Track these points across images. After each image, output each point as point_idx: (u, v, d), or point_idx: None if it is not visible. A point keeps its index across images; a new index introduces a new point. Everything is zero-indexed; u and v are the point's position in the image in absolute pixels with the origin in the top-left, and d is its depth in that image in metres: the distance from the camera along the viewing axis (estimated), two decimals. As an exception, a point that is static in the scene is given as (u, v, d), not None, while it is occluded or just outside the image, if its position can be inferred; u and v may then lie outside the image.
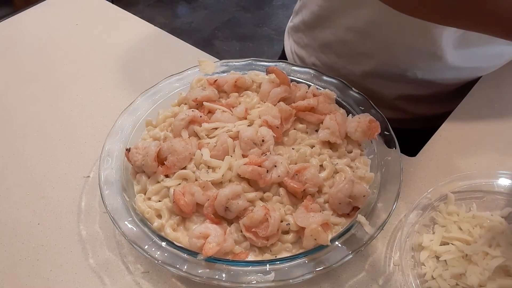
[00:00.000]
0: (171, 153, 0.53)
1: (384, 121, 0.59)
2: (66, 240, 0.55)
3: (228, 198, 0.48)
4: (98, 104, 0.73)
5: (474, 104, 0.71)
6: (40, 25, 0.90)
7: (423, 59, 0.70)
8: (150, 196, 0.53)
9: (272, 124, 0.56)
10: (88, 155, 0.65)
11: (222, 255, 0.48)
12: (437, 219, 0.54)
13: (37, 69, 0.80)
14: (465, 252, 0.49)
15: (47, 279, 0.52)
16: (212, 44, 2.46)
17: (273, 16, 2.66)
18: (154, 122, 0.62)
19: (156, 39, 0.87)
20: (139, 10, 2.64)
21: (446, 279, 0.48)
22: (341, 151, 0.57)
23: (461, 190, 0.56)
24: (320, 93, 0.62)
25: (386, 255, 0.53)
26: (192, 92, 0.62)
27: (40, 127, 0.70)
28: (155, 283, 0.51)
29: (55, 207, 0.59)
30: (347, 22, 0.71)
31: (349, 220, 0.51)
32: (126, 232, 0.48)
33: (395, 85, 0.76)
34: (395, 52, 0.71)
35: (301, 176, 0.51)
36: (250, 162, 0.52)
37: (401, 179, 0.52)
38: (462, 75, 0.75)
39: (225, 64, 0.69)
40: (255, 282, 0.45)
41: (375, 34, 0.69)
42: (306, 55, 0.82)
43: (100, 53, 0.84)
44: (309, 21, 0.77)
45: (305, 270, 0.46)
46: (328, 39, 0.75)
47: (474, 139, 0.66)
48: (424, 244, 0.51)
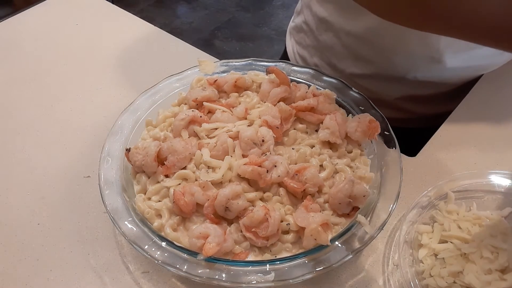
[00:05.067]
0: (171, 153, 0.53)
1: (384, 121, 0.59)
2: (66, 240, 0.55)
3: (228, 198, 0.48)
4: (98, 104, 0.73)
5: (474, 104, 0.71)
6: (40, 25, 0.90)
7: (423, 63, 0.70)
8: (150, 196, 0.53)
9: (272, 124, 0.56)
10: (88, 155, 0.65)
11: (222, 255, 0.48)
12: (436, 217, 0.54)
13: (37, 69, 0.80)
14: (463, 251, 0.49)
15: (47, 279, 0.52)
16: (212, 44, 2.46)
17: (273, 16, 2.66)
18: (154, 122, 0.62)
19: (156, 39, 0.87)
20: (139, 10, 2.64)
21: (443, 276, 0.48)
22: (341, 151, 0.57)
23: (461, 189, 0.57)
24: (320, 93, 0.62)
25: (386, 255, 0.53)
26: (192, 92, 0.62)
27: (40, 127, 0.70)
28: (155, 283, 0.51)
29: (55, 207, 0.59)
30: (347, 27, 0.71)
31: (349, 220, 0.51)
32: (126, 232, 0.48)
33: (395, 86, 0.76)
34: (394, 57, 0.71)
35: (301, 176, 0.51)
36: (250, 162, 0.52)
37: (401, 179, 0.52)
38: (462, 75, 0.75)
39: (225, 64, 0.69)
40: (255, 282, 0.45)
41: (375, 41, 0.69)
42: (308, 55, 0.82)
43: (100, 53, 0.84)
44: (310, 23, 0.78)
45: (305, 270, 0.46)
46: (329, 42, 0.75)
47: (474, 139, 0.66)
48: (423, 242, 0.51)
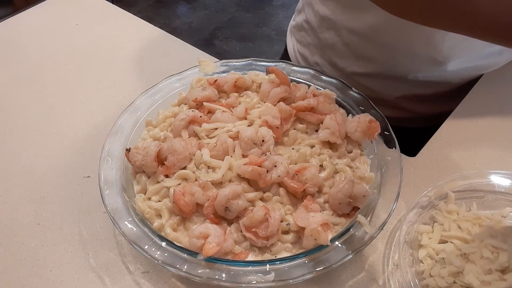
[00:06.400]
0: (171, 153, 0.53)
1: (384, 121, 0.59)
2: (66, 240, 0.55)
3: (228, 198, 0.48)
4: (98, 104, 0.73)
5: (474, 103, 0.71)
6: (40, 25, 0.90)
7: (425, 63, 0.70)
8: (150, 196, 0.53)
9: (272, 124, 0.56)
10: (88, 155, 0.65)
11: (222, 255, 0.48)
12: (436, 217, 0.53)
13: (37, 69, 0.80)
14: (463, 251, 0.49)
15: (47, 279, 0.52)
16: (212, 44, 2.46)
17: (273, 16, 2.66)
18: (154, 122, 0.62)
19: (156, 39, 0.87)
20: (139, 10, 2.64)
21: (443, 277, 0.47)
22: (341, 151, 0.57)
23: (461, 189, 0.56)
24: (320, 93, 0.62)
25: (386, 255, 0.53)
26: (192, 92, 0.62)
27: (40, 127, 0.70)
28: (155, 283, 0.51)
29: (55, 207, 0.59)
30: (349, 25, 0.71)
31: (349, 220, 0.51)
32: (126, 232, 0.48)
33: (396, 85, 0.76)
34: (396, 56, 0.71)
35: (301, 176, 0.51)
36: (250, 162, 0.52)
37: (401, 179, 0.52)
38: (463, 75, 0.75)
39: (225, 64, 0.69)
40: (255, 282, 0.45)
41: (377, 39, 0.69)
42: (309, 54, 0.82)
43: (100, 53, 0.84)
44: (312, 21, 0.77)
45: (305, 270, 0.46)
46: (331, 40, 0.75)
47: (475, 139, 0.66)
48: (423, 242, 0.51)
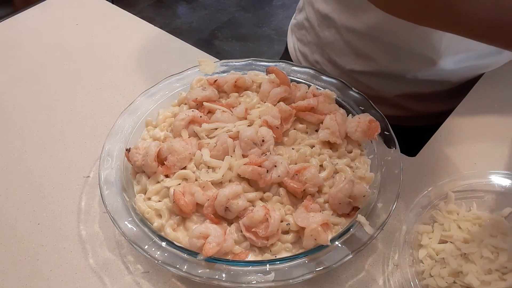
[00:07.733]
0: (171, 153, 0.53)
1: (384, 121, 0.59)
2: (66, 240, 0.55)
3: (228, 198, 0.48)
4: (98, 104, 0.73)
5: (475, 103, 0.71)
6: (40, 25, 0.90)
7: (422, 63, 0.70)
8: (150, 196, 0.53)
9: (272, 124, 0.56)
10: (88, 155, 0.65)
11: (222, 255, 0.48)
12: (436, 217, 0.53)
13: (37, 69, 0.80)
14: (463, 251, 0.49)
15: (47, 279, 0.52)
16: (212, 44, 2.46)
17: (273, 16, 2.65)
18: (154, 122, 0.62)
19: (156, 39, 0.87)
20: (139, 10, 2.64)
21: (443, 277, 0.47)
22: (341, 151, 0.57)
23: (461, 189, 0.56)
24: (320, 93, 0.62)
25: (386, 255, 0.53)
26: (192, 92, 0.62)
27: (40, 127, 0.70)
28: (155, 283, 0.51)
29: (55, 207, 0.59)
30: (349, 24, 0.71)
31: (349, 220, 0.51)
32: (126, 232, 0.48)
33: (396, 83, 0.76)
34: (396, 55, 0.71)
35: (301, 176, 0.51)
36: (250, 162, 0.52)
37: (401, 179, 0.52)
38: (463, 74, 0.75)
39: (225, 64, 0.69)
40: (255, 282, 0.45)
41: (377, 38, 0.69)
42: (309, 52, 0.82)
43: (100, 53, 0.83)
44: (312, 19, 0.78)
45: (305, 270, 0.46)
46: (331, 38, 0.75)
47: (475, 139, 0.66)
48: (423, 242, 0.51)
